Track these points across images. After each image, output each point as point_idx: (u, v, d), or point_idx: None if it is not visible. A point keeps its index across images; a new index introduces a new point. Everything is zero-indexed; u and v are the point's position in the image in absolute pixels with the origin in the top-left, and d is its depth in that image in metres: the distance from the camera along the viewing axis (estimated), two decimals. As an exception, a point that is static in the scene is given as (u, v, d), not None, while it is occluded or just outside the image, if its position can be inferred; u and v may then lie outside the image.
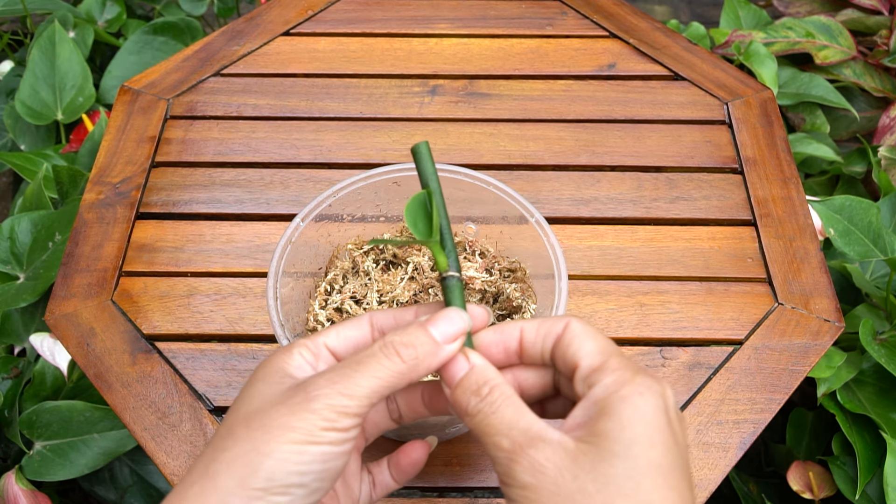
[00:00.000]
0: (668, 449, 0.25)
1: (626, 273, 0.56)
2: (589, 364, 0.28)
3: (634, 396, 0.26)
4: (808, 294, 0.55)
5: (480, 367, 0.29)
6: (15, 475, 0.66)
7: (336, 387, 0.28)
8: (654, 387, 0.27)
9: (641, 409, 0.26)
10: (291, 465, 0.27)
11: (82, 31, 1.07)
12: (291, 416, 0.27)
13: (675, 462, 0.26)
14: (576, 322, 0.30)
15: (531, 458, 0.26)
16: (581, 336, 0.29)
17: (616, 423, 0.25)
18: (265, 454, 0.27)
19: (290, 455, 0.27)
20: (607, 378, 0.27)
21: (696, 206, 0.61)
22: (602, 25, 0.75)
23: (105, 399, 0.50)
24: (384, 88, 0.69)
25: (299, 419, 0.27)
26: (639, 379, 0.27)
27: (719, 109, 0.67)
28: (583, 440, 0.26)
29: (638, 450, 0.25)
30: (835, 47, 1.06)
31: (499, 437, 0.27)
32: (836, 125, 1.07)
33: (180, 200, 0.61)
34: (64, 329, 0.53)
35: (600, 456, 0.25)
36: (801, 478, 0.74)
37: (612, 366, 0.27)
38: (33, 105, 0.97)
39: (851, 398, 0.72)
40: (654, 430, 0.25)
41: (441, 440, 0.49)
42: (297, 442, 0.27)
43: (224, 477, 0.27)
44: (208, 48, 0.72)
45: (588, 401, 0.27)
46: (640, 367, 0.28)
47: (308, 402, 0.27)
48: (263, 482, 0.26)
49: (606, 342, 0.29)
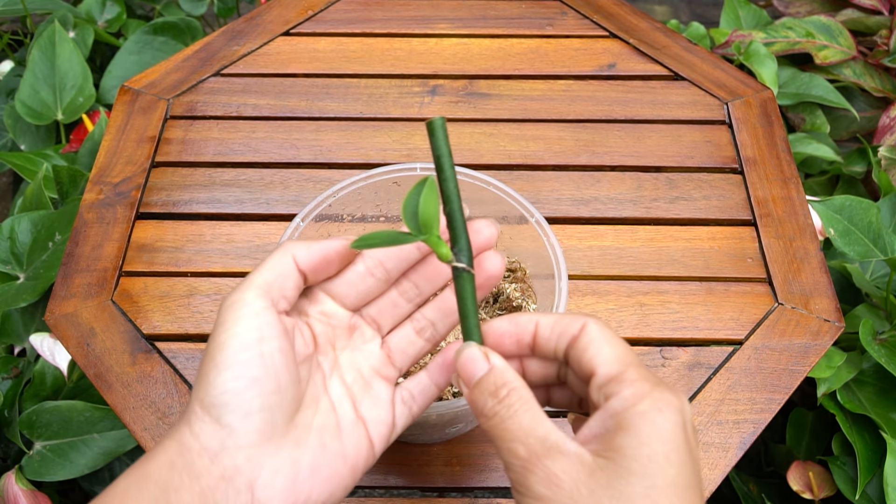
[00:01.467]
0: (684, 467, 0.25)
1: (626, 273, 0.56)
2: (606, 373, 0.27)
3: (653, 412, 0.26)
4: (808, 294, 0.55)
5: (500, 368, 0.29)
6: (15, 475, 0.66)
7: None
8: (672, 402, 0.26)
9: (660, 426, 0.25)
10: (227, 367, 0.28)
11: (82, 31, 1.07)
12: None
13: (690, 480, 0.25)
14: (593, 324, 0.29)
15: (547, 470, 0.26)
16: (598, 341, 0.28)
17: (634, 439, 0.25)
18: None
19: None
20: (625, 390, 0.26)
21: (696, 206, 0.61)
22: (602, 25, 0.75)
23: (105, 399, 0.50)
24: (384, 88, 0.69)
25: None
26: (657, 393, 0.26)
27: (719, 109, 0.67)
28: (600, 454, 0.26)
29: (655, 468, 0.25)
30: (835, 47, 1.06)
31: (514, 444, 0.27)
32: (836, 125, 1.07)
33: (180, 200, 0.61)
34: (64, 329, 0.53)
35: (617, 473, 0.25)
36: (801, 478, 0.74)
37: (631, 377, 0.27)
38: (33, 105, 0.97)
39: (851, 398, 0.72)
40: (671, 448, 0.25)
41: (441, 440, 0.49)
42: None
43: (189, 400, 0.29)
44: (208, 48, 0.72)
45: (605, 413, 0.27)
46: (658, 379, 0.28)
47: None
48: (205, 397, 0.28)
49: (625, 349, 0.28)
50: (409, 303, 0.33)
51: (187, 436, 0.27)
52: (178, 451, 0.27)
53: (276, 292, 0.30)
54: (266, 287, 0.29)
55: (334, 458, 0.29)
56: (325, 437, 0.30)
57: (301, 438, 0.29)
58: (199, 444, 0.27)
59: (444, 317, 0.33)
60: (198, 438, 0.27)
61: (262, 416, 0.28)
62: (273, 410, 0.28)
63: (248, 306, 0.29)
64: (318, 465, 0.29)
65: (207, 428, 0.27)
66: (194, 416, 0.28)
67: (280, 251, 0.31)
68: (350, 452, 0.30)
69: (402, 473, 0.48)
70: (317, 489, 0.28)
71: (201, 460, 0.27)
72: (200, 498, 0.26)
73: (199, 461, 0.27)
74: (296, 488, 0.28)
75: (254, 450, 0.27)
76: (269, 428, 0.28)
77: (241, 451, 0.27)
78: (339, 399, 0.31)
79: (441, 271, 0.33)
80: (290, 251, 0.31)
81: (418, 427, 0.44)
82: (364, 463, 0.31)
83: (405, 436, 0.48)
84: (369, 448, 0.31)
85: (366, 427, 0.31)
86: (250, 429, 0.27)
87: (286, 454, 0.28)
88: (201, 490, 0.27)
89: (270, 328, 0.29)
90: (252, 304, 0.29)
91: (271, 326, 0.29)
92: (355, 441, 0.31)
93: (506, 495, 0.47)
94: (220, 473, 0.27)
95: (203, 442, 0.27)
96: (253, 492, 0.27)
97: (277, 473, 0.28)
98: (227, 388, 0.27)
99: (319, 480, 0.29)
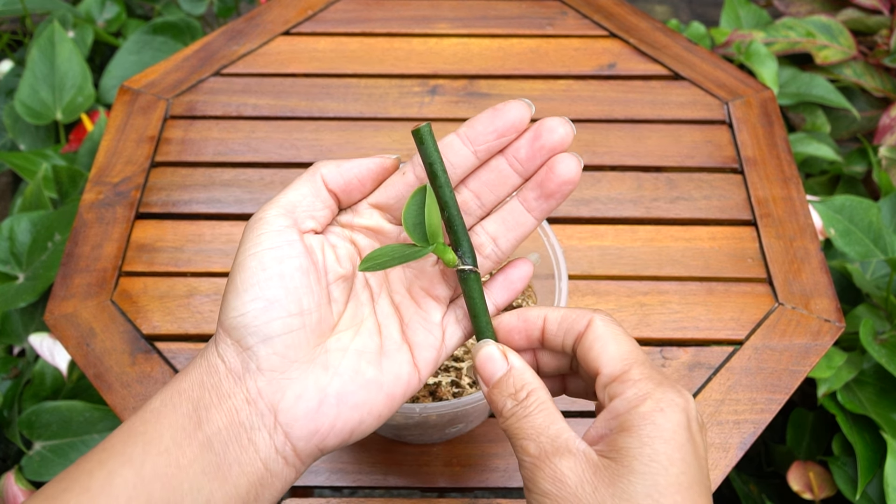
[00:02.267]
0: (688, 465, 0.25)
1: (626, 273, 0.56)
2: (609, 373, 0.27)
3: (655, 414, 0.26)
4: (808, 294, 0.55)
5: (518, 369, 0.29)
6: (15, 475, 0.66)
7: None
8: (675, 401, 0.26)
9: (661, 427, 0.25)
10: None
11: (82, 31, 1.07)
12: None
13: (694, 478, 0.25)
14: (599, 321, 0.29)
15: (553, 467, 0.26)
16: (602, 339, 0.28)
17: (636, 440, 0.25)
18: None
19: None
20: (628, 391, 0.26)
21: (696, 206, 0.61)
22: (602, 25, 0.75)
23: (105, 399, 0.50)
24: (384, 88, 0.69)
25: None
26: (659, 393, 0.26)
27: (719, 109, 0.67)
28: (604, 455, 0.26)
29: (658, 468, 0.25)
30: (835, 47, 1.06)
31: (527, 442, 0.27)
32: (837, 125, 1.07)
33: (180, 200, 0.61)
34: (63, 329, 0.53)
35: (619, 473, 0.25)
36: (801, 478, 0.74)
37: (634, 376, 0.27)
38: (33, 105, 0.97)
39: (852, 398, 0.72)
40: (673, 448, 0.25)
41: (441, 440, 0.49)
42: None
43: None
44: (208, 48, 0.72)
45: (609, 413, 0.27)
46: (663, 378, 0.27)
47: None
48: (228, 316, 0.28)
49: (629, 346, 0.28)
50: (467, 215, 0.31)
51: (214, 357, 0.28)
52: (207, 371, 0.27)
53: (301, 212, 0.29)
54: (290, 206, 0.29)
55: (367, 384, 0.29)
56: (362, 362, 0.29)
57: (331, 363, 0.28)
58: (224, 366, 0.27)
59: (507, 231, 0.31)
60: (223, 360, 0.27)
61: (283, 339, 0.27)
62: (296, 333, 0.27)
63: (268, 224, 0.28)
64: (346, 391, 0.28)
65: (230, 350, 0.27)
66: (219, 337, 0.28)
67: (309, 171, 0.30)
68: (388, 380, 0.29)
69: (402, 473, 0.48)
70: (343, 416, 0.28)
71: (227, 382, 0.27)
72: (229, 417, 0.27)
73: (225, 382, 0.27)
74: (319, 414, 0.27)
75: (275, 374, 0.27)
76: (291, 351, 0.27)
77: (262, 374, 0.27)
78: (386, 320, 0.31)
79: (507, 178, 0.30)
80: (319, 171, 0.30)
81: (418, 427, 0.43)
82: (405, 390, 0.29)
83: (405, 436, 0.48)
84: (413, 374, 0.30)
85: (411, 351, 0.30)
86: (271, 352, 0.27)
87: (311, 379, 0.28)
88: (228, 410, 0.27)
89: (291, 247, 0.28)
90: (272, 223, 0.28)
91: (292, 245, 0.28)
92: (396, 367, 0.29)
93: (506, 495, 0.47)
94: (245, 396, 0.27)
95: (228, 363, 0.27)
96: (276, 415, 0.27)
97: (300, 398, 0.27)
98: (245, 311, 0.27)
99: (347, 407, 0.28)
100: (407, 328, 0.31)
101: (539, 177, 0.29)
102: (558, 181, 0.29)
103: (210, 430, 0.26)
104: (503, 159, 0.30)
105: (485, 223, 0.31)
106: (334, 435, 0.28)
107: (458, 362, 0.45)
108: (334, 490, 0.48)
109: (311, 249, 0.29)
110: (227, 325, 0.27)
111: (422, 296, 0.31)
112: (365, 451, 0.49)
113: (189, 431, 0.26)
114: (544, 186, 0.29)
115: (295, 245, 0.28)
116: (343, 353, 0.29)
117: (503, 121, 0.29)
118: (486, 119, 0.29)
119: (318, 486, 0.48)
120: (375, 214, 0.31)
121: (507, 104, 0.29)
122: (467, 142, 0.30)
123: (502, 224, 0.31)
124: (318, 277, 0.29)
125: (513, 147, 0.30)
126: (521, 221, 0.30)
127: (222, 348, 0.28)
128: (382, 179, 0.31)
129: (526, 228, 0.31)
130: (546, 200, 0.30)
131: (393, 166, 0.31)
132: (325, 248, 0.30)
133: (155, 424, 0.26)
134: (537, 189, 0.30)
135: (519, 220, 0.30)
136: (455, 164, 0.30)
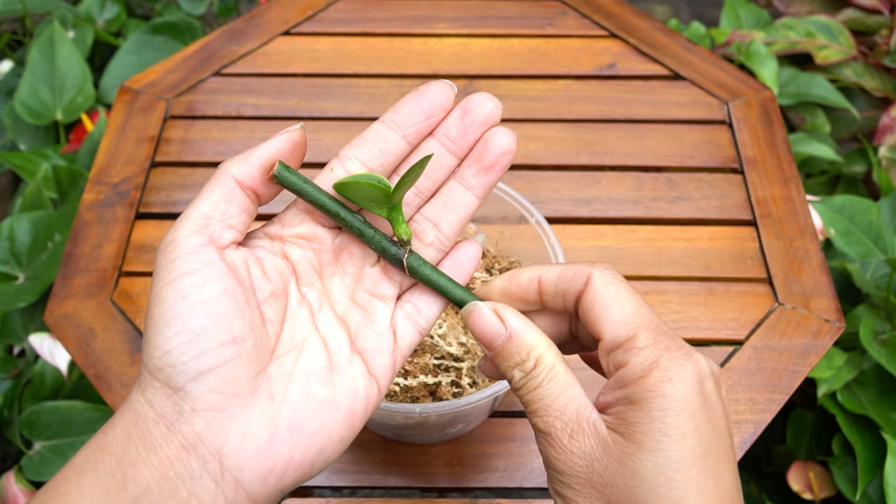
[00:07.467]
0: (703, 434, 0.24)
1: (626, 273, 0.56)
2: (612, 340, 0.25)
3: (663, 384, 0.24)
4: (808, 294, 0.55)
5: (519, 332, 0.26)
6: (14, 475, 0.66)
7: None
8: (685, 366, 0.24)
9: (671, 398, 0.24)
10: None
11: (82, 31, 1.07)
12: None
13: (711, 446, 0.24)
14: (598, 277, 0.26)
15: (563, 447, 0.25)
16: (603, 299, 0.26)
17: (644, 414, 0.24)
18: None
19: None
20: (633, 360, 0.24)
21: (696, 206, 0.61)
22: (602, 25, 0.75)
23: (104, 399, 0.50)
24: (384, 88, 0.69)
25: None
26: (666, 360, 0.24)
27: (719, 109, 0.67)
28: (614, 428, 0.25)
29: (669, 442, 0.23)
30: (835, 47, 1.06)
31: (536, 419, 0.26)
32: (837, 125, 1.07)
33: (180, 200, 0.61)
34: (63, 329, 0.53)
35: (629, 451, 0.24)
36: (801, 478, 0.74)
37: (639, 343, 0.25)
38: (33, 105, 0.97)
39: (852, 398, 0.72)
40: (685, 419, 0.23)
41: (441, 440, 0.49)
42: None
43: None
44: (208, 48, 0.72)
45: (615, 383, 0.25)
46: (671, 339, 0.25)
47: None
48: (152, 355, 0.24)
49: (633, 306, 0.26)
50: (406, 206, 0.29)
51: (140, 403, 0.24)
52: (133, 420, 0.24)
53: (216, 223, 0.25)
54: (203, 221, 0.25)
55: (321, 407, 0.26)
56: (311, 383, 0.26)
57: (277, 391, 0.25)
58: (154, 412, 0.24)
59: (448, 213, 0.29)
60: (152, 405, 0.24)
61: (218, 373, 0.24)
62: (231, 364, 0.24)
63: (180, 247, 0.25)
64: (299, 418, 0.25)
65: (159, 394, 0.24)
66: (144, 381, 0.24)
67: (216, 175, 0.26)
68: (343, 398, 0.26)
69: (402, 473, 0.48)
70: (301, 447, 0.25)
71: (158, 430, 0.24)
72: (160, 472, 0.23)
73: (155, 431, 0.24)
74: (272, 450, 0.24)
75: (214, 413, 0.24)
76: (229, 385, 0.24)
77: (198, 415, 0.24)
78: (331, 333, 0.28)
79: (441, 160, 0.29)
80: (227, 170, 0.26)
81: (418, 427, 0.43)
82: (364, 405, 0.27)
83: (405, 436, 0.48)
84: (370, 385, 0.27)
85: (365, 361, 0.27)
86: (205, 389, 0.24)
87: (256, 413, 0.25)
88: (160, 463, 0.23)
89: (211, 268, 0.24)
90: (184, 244, 0.25)
91: (211, 266, 0.25)
92: (351, 382, 0.27)
93: (506, 495, 0.47)
94: (180, 443, 0.24)
95: (158, 409, 0.24)
96: (221, 460, 0.24)
97: (247, 436, 0.24)
98: (170, 348, 0.24)
99: (303, 436, 0.25)
100: (356, 338, 0.28)
101: (476, 152, 0.28)
102: (497, 152, 0.28)
103: (137, 490, 0.23)
104: (434, 140, 0.29)
105: (423, 209, 0.29)
106: (293, 470, 0.25)
107: (459, 362, 0.45)
108: (334, 490, 0.48)
109: (233, 268, 0.25)
110: (151, 367, 0.24)
111: (367, 299, 0.29)
112: (365, 451, 0.49)
113: (113, 493, 0.23)
114: (482, 160, 0.28)
115: (215, 265, 0.25)
116: (288, 378, 0.26)
117: (428, 101, 0.28)
118: (411, 101, 0.28)
119: (317, 486, 0.48)
120: (307, 220, 0.28)
121: (428, 85, 0.28)
122: (395, 127, 0.28)
123: (442, 207, 0.29)
124: (247, 298, 0.25)
125: (442, 126, 0.28)
126: (462, 201, 0.29)
127: (150, 393, 0.24)
128: (299, 154, 0.28)
129: (467, 208, 0.29)
130: (486, 174, 0.28)
131: (301, 137, 0.28)
132: (249, 263, 0.26)
133: (76, 485, 0.23)
134: (475, 164, 0.28)
135: (459, 201, 0.29)
136: (386, 152, 0.28)
